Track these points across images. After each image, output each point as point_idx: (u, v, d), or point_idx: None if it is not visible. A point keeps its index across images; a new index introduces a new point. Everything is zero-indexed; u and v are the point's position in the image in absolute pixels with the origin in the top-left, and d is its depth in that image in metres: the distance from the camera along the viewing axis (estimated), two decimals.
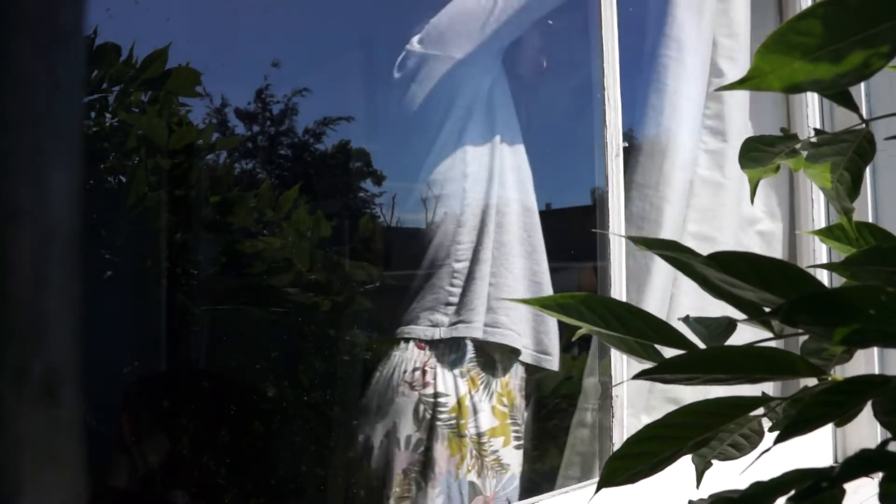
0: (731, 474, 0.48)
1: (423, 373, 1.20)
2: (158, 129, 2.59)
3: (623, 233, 1.37)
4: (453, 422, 1.19)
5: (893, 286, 0.28)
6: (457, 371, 1.21)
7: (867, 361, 1.67)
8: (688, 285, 1.37)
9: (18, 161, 0.20)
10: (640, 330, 0.39)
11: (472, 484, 1.19)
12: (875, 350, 1.65)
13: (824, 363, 0.42)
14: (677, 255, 0.35)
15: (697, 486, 0.46)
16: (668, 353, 0.40)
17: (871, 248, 0.41)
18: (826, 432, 1.77)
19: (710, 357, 0.35)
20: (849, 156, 0.45)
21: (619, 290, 1.35)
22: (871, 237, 0.48)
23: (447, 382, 1.20)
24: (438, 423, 1.19)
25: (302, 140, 3.63)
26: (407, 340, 1.25)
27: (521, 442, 1.27)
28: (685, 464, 0.45)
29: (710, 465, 0.48)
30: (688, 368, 0.35)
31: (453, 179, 1.28)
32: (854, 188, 0.45)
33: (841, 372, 0.41)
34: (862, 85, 1.71)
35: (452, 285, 1.25)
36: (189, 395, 2.23)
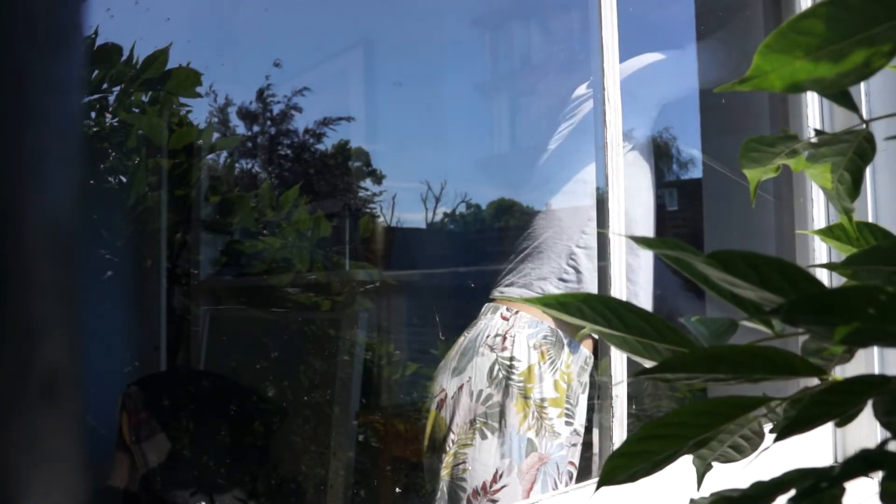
0: (732, 474, 0.48)
1: (504, 339, 1.38)
2: (158, 130, 2.59)
3: (623, 233, 1.37)
4: (522, 384, 1.36)
5: (893, 286, 0.28)
6: (532, 342, 1.38)
7: (867, 361, 1.67)
8: None
9: (18, 161, 0.20)
10: (641, 329, 0.39)
11: (530, 440, 1.35)
12: (875, 350, 1.65)
13: (825, 363, 0.42)
14: (678, 253, 0.35)
15: (698, 489, 0.46)
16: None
17: (871, 248, 0.41)
18: (826, 432, 1.77)
19: (711, 356, 0.35)
20: (849, 156, 0.45)
21: (619, 290, 1.35)
22: (871, 237, 0.48)
23: (522, 350, 1.37)
24: (510, 383, 1.36)
25: (302, 140, 3.62)
26: (495, 310, 1.44)
27: (571, 420, 1.40)
28: (685, 463, 0.45)
29: (711, 467, 0.48)
30: (688, 368, 0.34)
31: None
32: (854, 188, 0.45)
33: (841, 372, 0.41)
34: (862, 85, 1.71)
35: (569, 265, 1.45)
36: (189, 395, 2.23)
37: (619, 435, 1.34)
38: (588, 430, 1.48)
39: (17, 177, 0.20)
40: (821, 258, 1.77)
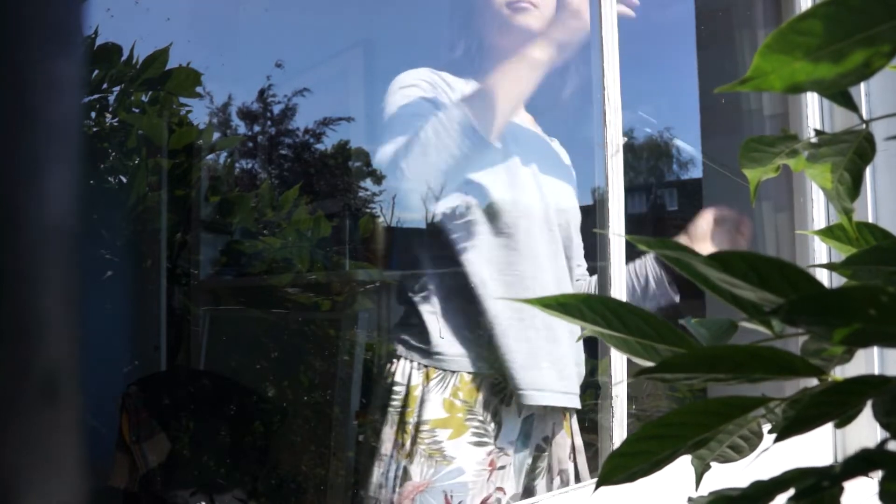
0: (731, 475, 0.48)
1: (391, 364, 1.32)
2: (158, 130, 2.59)
3: (623, 233, 1.37)
4: (400, 408, 1.27)
5: (894, 286, 0.28)
6: (415, 363, 1.29)
7: (867, 361, 1.67)
8: None
9: (18, 161, 0.20)
10: (641, 330, 0.39)
11: (405, 469, 1.24)
12: (875, 350, 1.65)
13: (824, 363, 0.42)
14: (677, 254, 0.35)
15: (696, 488, 0.46)
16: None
17: (871, 248, 0.41)
18: (826, 433, 1.77)
19: (711, 357, 0.35)
20: (849, 156, 0.45)
21: (619, 290, 1.35)
22: (871, 237, 0.48)
23: (405, 374, 1.29)
24: (391, 409, 1.28)
25: (302, 140, 3.63)
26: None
27: (485, 440, 1.25)
28: (684, 463, 0.45)
29: (710, 467, 0.48)
30: (688, 368, 0.34)
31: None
32: (854, 188, 0.45)
33: (841, 372, 0.41)
34: (862, 85, 1.71)
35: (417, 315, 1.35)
36: (189, 395, 2.23)
37: (619, 435, 1.34)
38: (543, 447, 1.34)
39: (17, 177, 0.20)
40: (821, 259, 1.77)
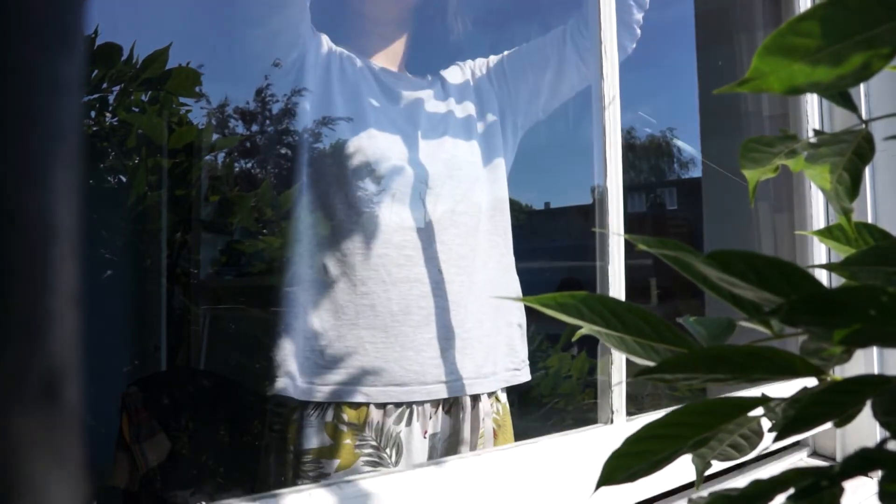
0: (731, 475, 0.48)
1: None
2: (158, 129, 2.59)
3: (623, 233, 1.37)
4: (282, 438, 1.15)
5: (893, 286, 0.28)
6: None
7: (867, 361, 1.67)
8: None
9: (18, 161, 0.20)
10: (640, 329, 0.39)
11: None
12: (875, 350, 1.65)
13: (823, 363, 0.42)
14: (677, 254, 0.35)
15: (697, 487, 0.46)
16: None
17: (870, 249, 0.41)
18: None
19: (710, 356, 0.35)
20: (848, 156, 0.45)
21: (619, 290, 1.35)
22: (870, 237, 0.48)
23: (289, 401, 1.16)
24: (275, 436, 1.17)
25: (302, 140, 3.62)
26: None
27: (382, 468, 1.13)
28: (684, 464, 0.46)
29: (710, 465, 0.48)
30: (687, 368, 0.35)
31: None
32: (853, 189, 0.45)
33: (840, 372, 0.41)
34: (861, 85, 1.71)
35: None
36: (189, 395, 2.23)
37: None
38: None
39: (17, 176, 0.20)
40: (820, 259, 1.77)
